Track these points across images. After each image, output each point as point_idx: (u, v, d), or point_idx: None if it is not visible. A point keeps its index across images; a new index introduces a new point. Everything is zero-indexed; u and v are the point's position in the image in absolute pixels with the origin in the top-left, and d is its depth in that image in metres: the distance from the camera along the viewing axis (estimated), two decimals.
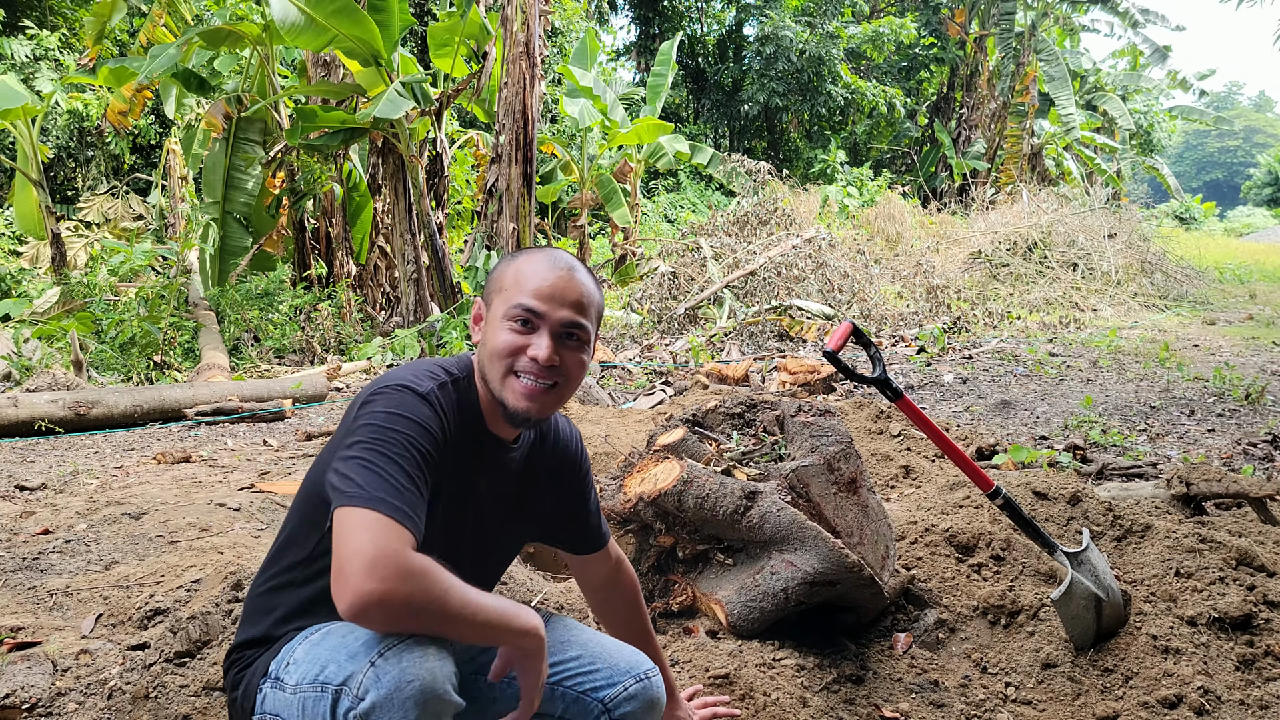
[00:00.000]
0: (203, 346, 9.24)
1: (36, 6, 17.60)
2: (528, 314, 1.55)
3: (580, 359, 1.61)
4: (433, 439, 1.48)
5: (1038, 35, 21.37)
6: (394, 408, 1.47)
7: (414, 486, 1.41)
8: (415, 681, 1.30)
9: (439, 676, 1.33)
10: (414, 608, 1.31)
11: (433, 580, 1.33)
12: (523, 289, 1.57)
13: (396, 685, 1.30)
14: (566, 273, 1.59)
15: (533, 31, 10.67)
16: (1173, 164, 49.39)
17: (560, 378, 1.59)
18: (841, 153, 25.46)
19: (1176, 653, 2.42)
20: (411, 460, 1.42)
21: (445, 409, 1.54)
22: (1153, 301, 13.34)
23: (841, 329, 2.28)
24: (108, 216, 16.67)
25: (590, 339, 1.62)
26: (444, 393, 1.56)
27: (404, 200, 11.07)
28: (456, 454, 1.57)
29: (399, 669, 1.31)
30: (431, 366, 1.62)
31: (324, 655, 1.41)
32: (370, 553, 1.30)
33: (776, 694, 2.17)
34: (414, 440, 1.44)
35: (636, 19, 27.89)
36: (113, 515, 4.03)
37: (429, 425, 1.48)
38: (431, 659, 1.33)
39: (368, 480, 1.37)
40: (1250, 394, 6.42)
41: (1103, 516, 3.01)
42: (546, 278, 1.57)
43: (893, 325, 10.92)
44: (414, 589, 1.30)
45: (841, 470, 2.58)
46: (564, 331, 1.57)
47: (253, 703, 1.54)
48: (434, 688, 1.31)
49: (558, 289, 1.57)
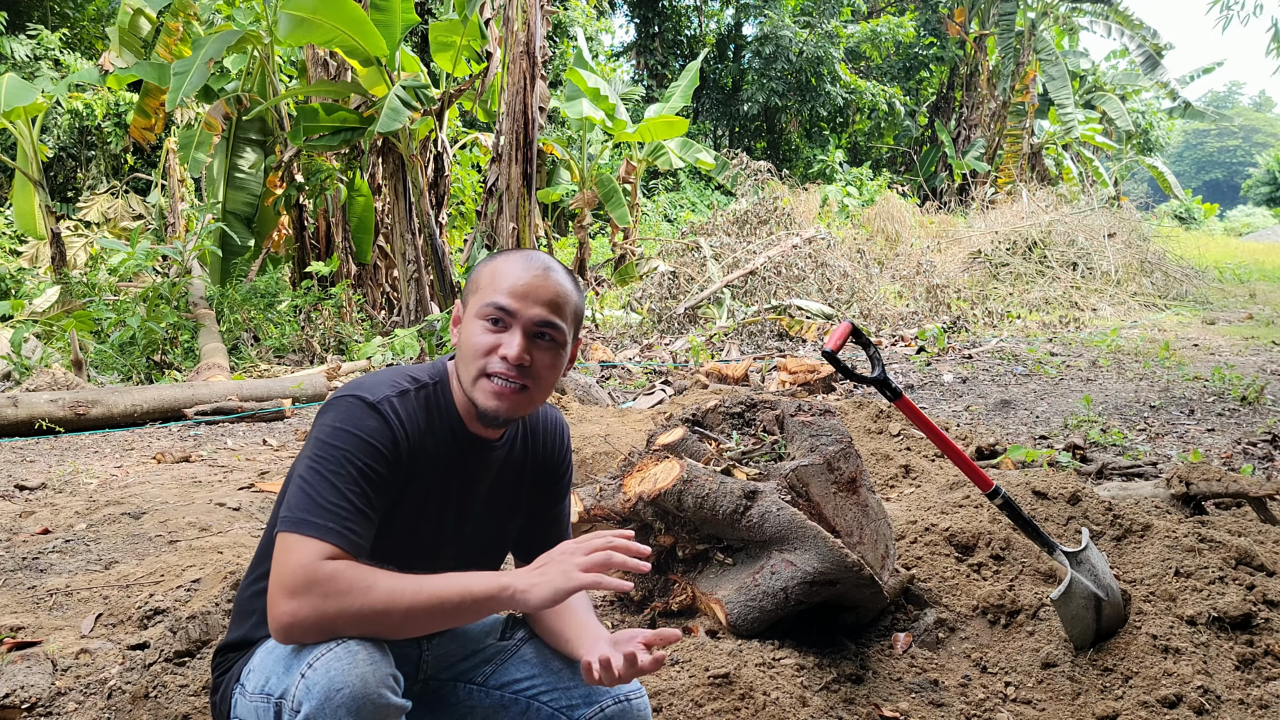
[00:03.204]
0: (202, 346, 9.24)
1: (38, 6, 17.60)
2: (499, 312, 1.54)
3: (553, 360, 1.58)
4: (375, 450, 1.47)
5: (1038, 35, 21.37)
6: (339, 422, 1.48)
7: (346, 501, 1.42)
8: (344, 689, 1.31)
9: (370, 681, 1.32)
10: (330, 617, 1.34)
11: (346, 583, 1.34)
12: (497, 288, 1.56)
13: (326, 695, 1.30)
14: (541, 272, 1.58)
15: (533, 31, 10.67)
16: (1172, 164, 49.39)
17: (530, 379, 1.56)
18: (841, 152, 25.46)
19: (1176, 652, 2.42)
20: (346, 475, 1.43)
21: (403, 417, 1.53)
22: (1152, 301, 13.34)
23: (841, 329, 2.28)
24: (107, 216, 16.67)
25: (565, 340, 1.59)
26: (404, 401, 1.55)
27: (404, 200, 11.07)
28: (428, 458, 1.57)
29: (327, 679, 1.31)
30: (398, 375, 1.62)
31: (269, 665, 1.45)
32: (284, 575, 1.36)
33: (776, 693, 2.17)
34: (351, 455, 1.45)
35: (636, 18, 27.90)
36: (112, 515, 4.03)
37: (372, 438, 1.47)
38: (361, 664, 1.33)
39: (298, 503, 1.42)
40: (1249, 394, 6.42)
41: (1102, 516, 3.01)
42: (520, 277, 1.56)
43: (892, 325, 10.92)
44: (323, 599, 1.33)
45: (841, 470, 2.58)
46: (536, 331, 1.55)
47: (229, 706, 1.57)
48: (365, 693, 1.31)
49: (531, 287, 1.55)
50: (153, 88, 10.90)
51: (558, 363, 1.59)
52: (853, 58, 27.29)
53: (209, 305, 10.32)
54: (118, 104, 16.35)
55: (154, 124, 11.36)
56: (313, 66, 11.39)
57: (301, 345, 10.11)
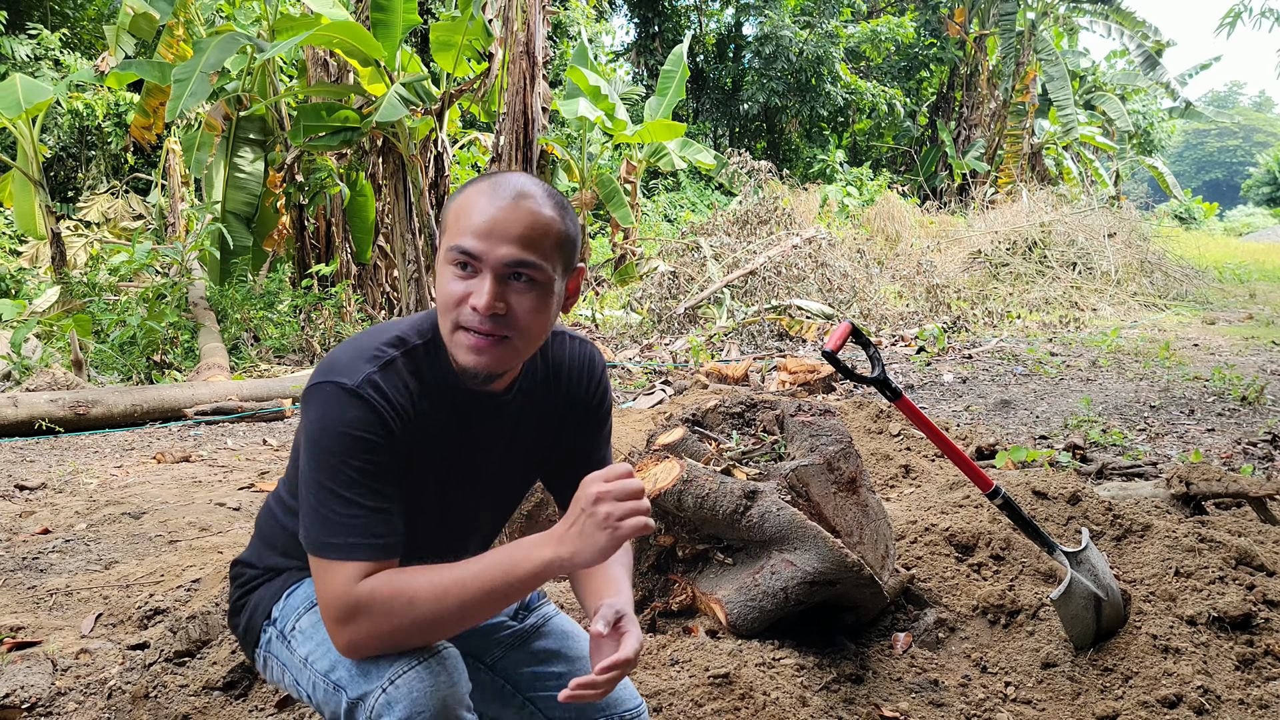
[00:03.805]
0: (202, 346, 9.24)
1: (38, 6, 17.61)
2: (465, 256, 1.35)
3: (535, 303, 1.38)
4: (366, 443, 1.35)
5: (1038, 35, 21.36)
6: (323, 420, 1.36)
7: (357, 509, 1.35)
8: (426, 712, 1.31)
9: (450, 703, 1.33)
10: (386, 635, 1.33)
11: (387, 603, 1.32)
12: (461, 228, 1.36)
13: (409, 715, 1.31)
14: (509, 203, 1.35)
15: (534, 31, 10.67)
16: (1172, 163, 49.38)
17: (511, 328, 1.37)
18: (841, 152, 25.45)
19: (1176, 652, 2.42)
20: (348, 480, 1.35)
21: (390, 394, 1.38)
22: (1152, 301, 13.34)
23: (840, 329, 2.28)
24: (108, 216, 16.67)
25: (548, 277, 1.38)
26: (388, 374, 1.39)
27: (404, 200, 11.07)
28: (428, 428, 1.44)
29: (410, 700, 1.31)
30: (381, 339, 1.44)
31: (335, 652, 1.41)
32: (328, 608, 1.34)
33: (776, 693, 2.17)
34: (345, 458, 1.35)
35: (636, 19, 27.90)
36: (112, 515, 4.03)
37: (361, 431, 1.35)
38: (443, 687, 1.34)
39: (313, 523, 1.37)
40: (1249, 394, 6.42)
41: (1102, 516, 3.01)
42: (485, 212, 1.35)
43: (892, 325, 10.92)
44: (372, 623, 1.32)
45: (841, 470, 2.58)
46: (508, 272, 1.35)
47: (256, 636, 1.58)
48: (445, 716, 1.33)
49: (498, 223, 1.34)
50: (153, 87, 10.89)
51: (543, 304, 1.39)
52: (853, 58, 27.29)
53: (209, 305, 10.32)
54: (118, 104, 16.35)
55: (154, 124, 11.35)
56: (313, 66, 11.39)
57: (302, 345, 10.11)
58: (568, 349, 1.63)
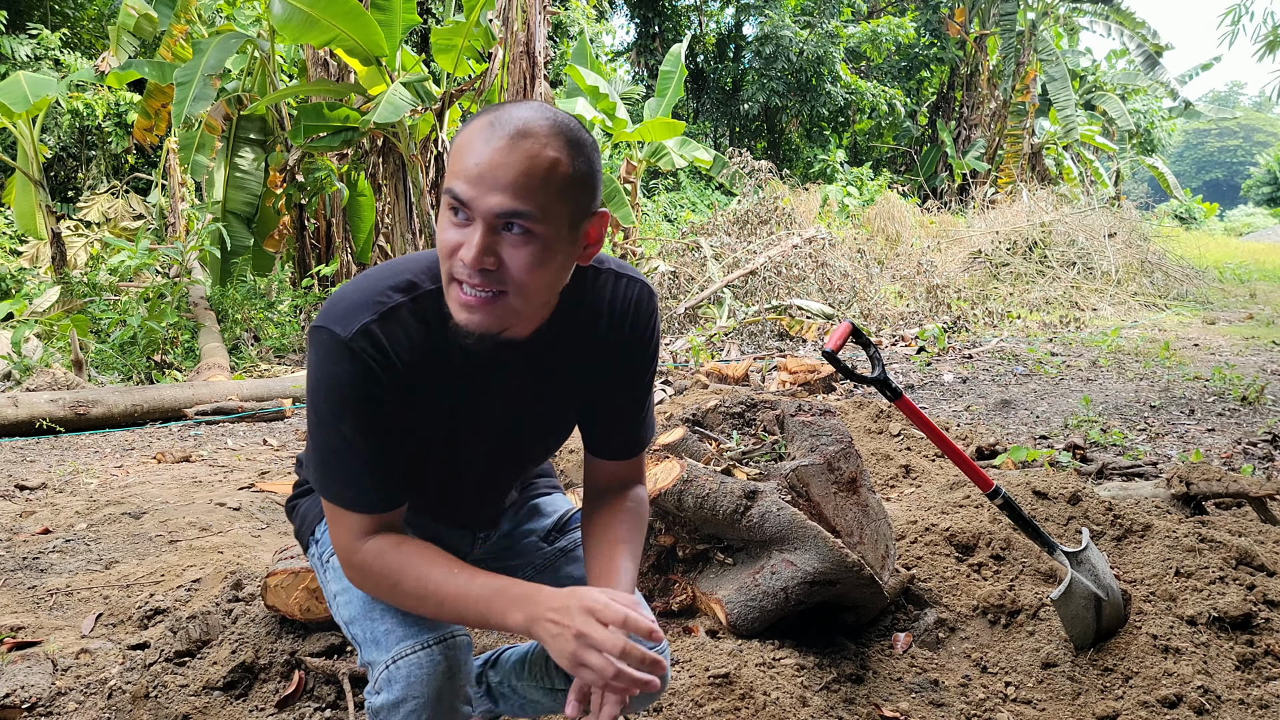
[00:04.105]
0: (203, 346, 9.24)
1: (39, 6, 17.61)
2: (457, 202, 1.22)
3: (533, 256, 1.22)
4: (358, 399, 1.29)
5: (1038, 35, 21.36)
6: (318, 370, 1.31)
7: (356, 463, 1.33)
8: (419, 699, 1.34)
9: (444, 693, 1.36)
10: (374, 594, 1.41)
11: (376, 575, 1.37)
12: (455, 169, 1.23)
13: (401, 698, 1.34)
14: (505, 143, 1.19)
15: (533, 31, 10.67)
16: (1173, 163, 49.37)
17: (504, 284, 1.23)
18: (841, 152, 25.44)
19: (1176, 652, 2.42)
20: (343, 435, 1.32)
21: (387, 345, 1.29)
22: (1153, 301, 13.34)
23: (841, 329, 2.28)
24: (108, 216, 16.67)
25: (547, 229, 1.22)
26: (388, 322, 1.30)
27: (404, 200, 11.07)
28: (435, 378, 1.36)
29: (405, 683, 1.34)
30: (390, 281, 1.34)
31: (355, 607, 1.48)
32: (335, 548, 1.41)
33: (776, 693, 2.17)
34: (340, 412, 1.31)
35: (636, 19, 27.90)
36: (113, 515, 4.03)
37: (352, 385, 1.29)
38: (440, 678, 1.36)
39: (315, 464, 1.38)
40: (1250, 394, 6.42)
41: (1103, 516, 3.01)
42: (480, 153, 1.20)
43: (893, 325, 10.91)
44: (362, 581, 1.40)
45: (841, 470, 2.58)
46: (499, 223, 1.21)
47: (306, 544, 1.69)
48: (438, 704, 1.36)
49: (491, 166, 1.19)
50: (155, 89, 10.89)
51: (543, 258, 1.23)
52: (853, 58, 27.28)
53: (209, 305, 10.32)
54: (118, 104, 16.35)
55: (156, 125, 11.35)
56: (313, 66, 11.39)
57: (302, 345, 10.11)
58: (611, 288, 1.46)
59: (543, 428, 1.56)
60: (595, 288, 1.45)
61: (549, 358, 1.44)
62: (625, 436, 1.58)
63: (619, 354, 1.49)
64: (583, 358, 1.47)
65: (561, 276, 1.31)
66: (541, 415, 1.53)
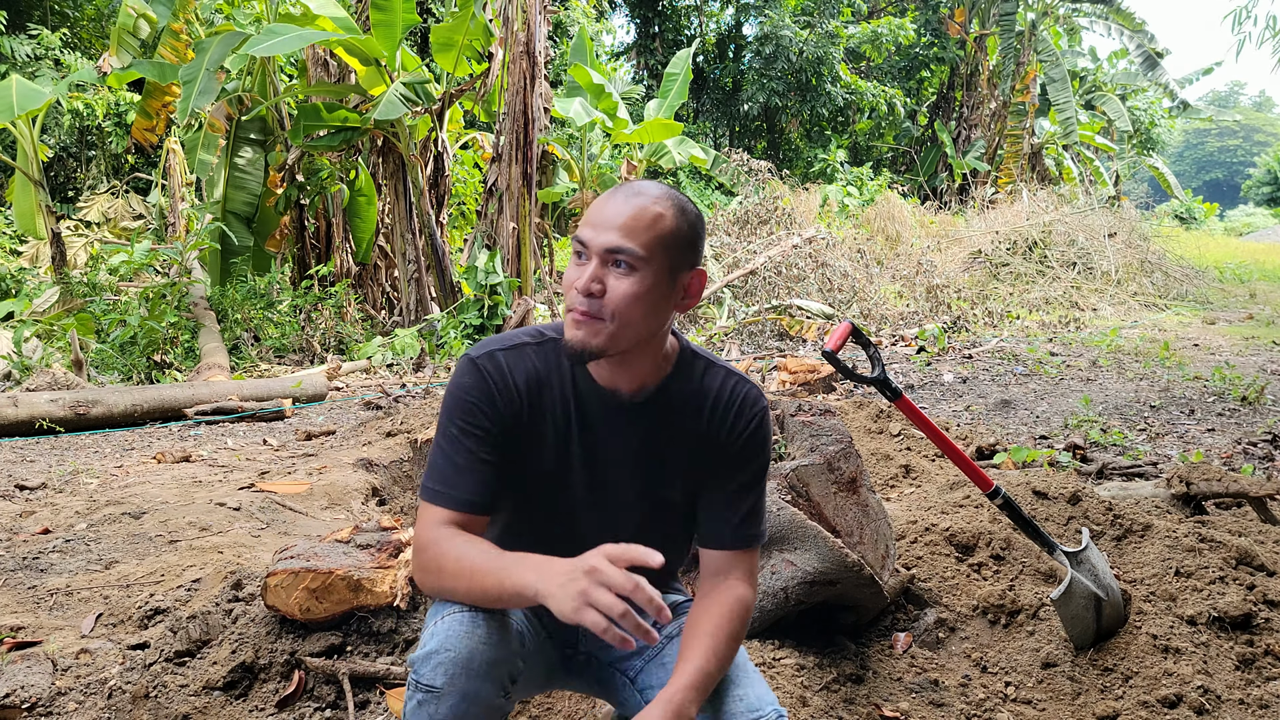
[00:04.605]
0: (203, 346, 9.24)
1: (38, 6, 17.61)
2: (579, 245, 1.48)
3: (632, 287, 1.44)
4: (469, 406, 1.52)
5: (1038, 35, 21.36)
6: (450, 383, 1.56)
7: (451, 465, 1.51)
8: (450, 652, 1.38)
9: (475, 656, 1.39)
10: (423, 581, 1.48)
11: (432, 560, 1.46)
12: (582, 221, 1.51)
13: (436, 649, 1.39)
14: (624, 197, 1.47)
15: (533, 31, 10.66)
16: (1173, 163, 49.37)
17: (607, 309, 1.44)
18: (841, 152, 25.43)
19: (1176, 652, 2.42)
20: (451, 438, 1.52)
21: (506, 369, 1.53)
22: (1153, 301, 13.34)
23: (841, 329, 2.28)
24: (108, 216, 16.67)
25: (645, 266, 1.44)
26: (514, 354, 1.55)
27: (404, 200, 11.07)
28: (543, 409, 1.55)
29: (445, 637, 1.40)
30: (527, 330, 1.62)
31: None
32: (415, 542, 1.52)
33: (776, 693, 2.17)
34: (452, 417, 1.53)
35: (636, 19, 27.90)
36: (113, 515, 4.03)
37: (467, 395, 1.52)
38: (478, 639, 1.40)
39: (426, 467, 1.55)
40: (1250, 394, 6.42)
41: (1103, 516, 3.01)
42: (601, 207, 1.48)
43: (893, 325, 10.92)
44: (420, 570, 1.48)
45: (841, 470, 2.58)
46: (609, 258, 1.44)
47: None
48: (465, 665, 1.38)
49: (605, 214, 1.46)
50: (154, 89, 10.88)
51: (640, 291, 1.44)
52: (853, 58, 27.28)
53: (209, 305, 10.32)
54: (118, 104, 16.35)
55: (156, 125, 11.35)
56: (313, 66, 11.39)
57: (302, 345, 10.12)
58: (721, 381, 1.62)
59: (641, 498, 1.63)
60: (706, 376, 1.62)
61: (656, 426, 1.59)
62: (727, 530, 1.62)
63: (722, 446, 1.60)
64: (684, 439, 1.60)
65: (658, 317, 1.50)
66: (645, 485, 1.62)
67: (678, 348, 1.62)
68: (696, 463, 1.61)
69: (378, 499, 4.53)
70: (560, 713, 2.23)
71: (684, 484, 1.62)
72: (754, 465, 1.62)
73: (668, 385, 1.58)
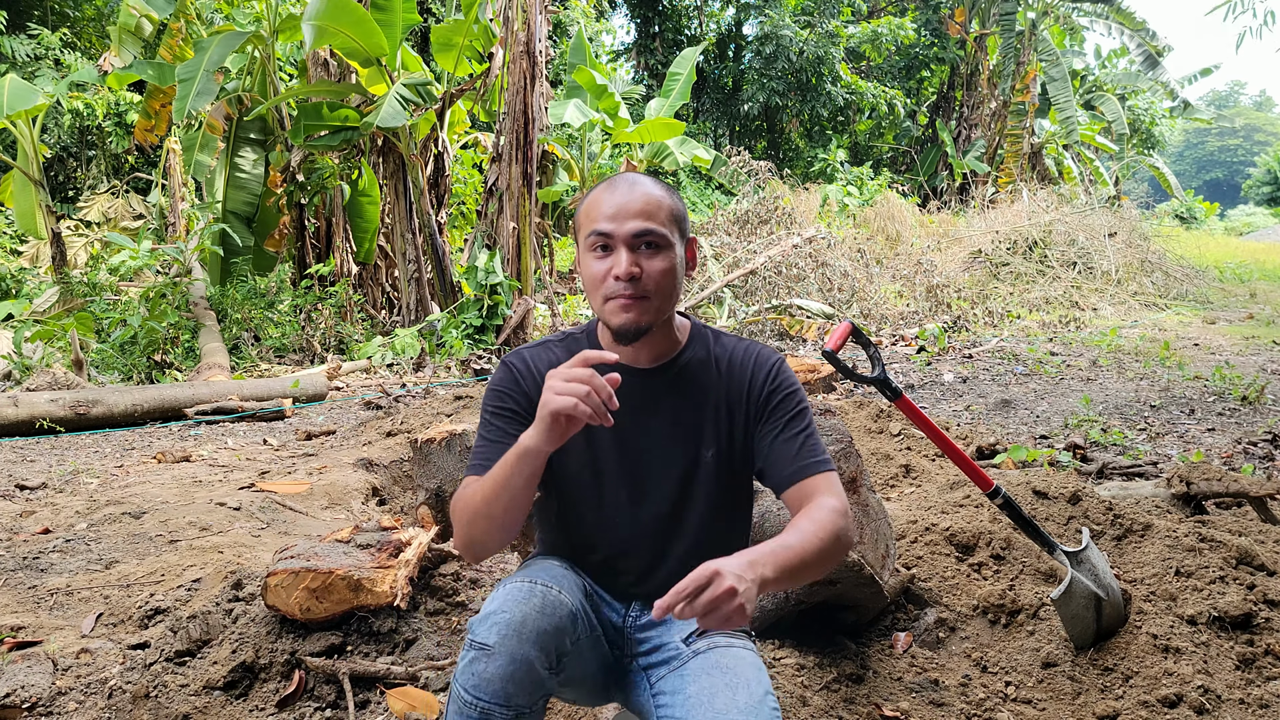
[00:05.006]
0: (203, 346, 9.24)
1: (38, 6, 17.61)
2: (601, 238, 1.61)
3: (664, 263, 1.62)
4: (498, 394, 1.72)
5: (1038, 35, 21.35)
6: (487, 384, 1.77)
7: (484, 444, 1.69)
8: (505, 614, 1.47)
9: (529, 619, 1.47)
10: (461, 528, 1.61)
11: (459, 496, 1.63)
12: (593, 218, 1.63)
13: (493, 610, 1.49)
14: (626, 187, 1.64)
15: (533, 31, 10.66)
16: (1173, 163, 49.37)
17: (649, 287, 1.60)
18: (842, 152, 25.42)
19: (1177, 652, 2.41)
20: (485, 423, 1.71)
21: (530, 360, 1.73)
22: (1153, 300, 13.34)
23: (841, 328, 2.28)
24: (108, 216, 16.67)
25: (669, 242, 1.63)
26: (539, 349, 1.75)
27: (404, 200, 11.07)
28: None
29: (504, 597, 1.51)
30: (560, 333, 1.81)
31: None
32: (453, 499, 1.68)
33: (777, 693, 2.17)
34: (486, 407, 1.72)
35: (636, 19, 27.89)
36: (113, 514, 4.03)
37: (498, 386, 1.73)
38: (534, 606, 1.49)
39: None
40: (1250, 393, 6.41)
41: (1103, 515, 3.01)
42: (610, 201, 1.63)
43: (893, 324, 10.92)
44: (454, 515, 1.63)
45: (841, 469, 2.58)
46: (636, 242, 1.60)
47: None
48: (518, 628, 1.45)
49: (619, 204, 1.61)
50: (155, 89, 10.88)
51: (670, 264, 1.63)
52: (853, 57, 27.26)
53: (209, 305, 10.32)
54: (118, 104, 16.36)
55: (157, 125, 11.35)
56: (313, 66, 11.39)
57: (302, 345, 10.12)
58: (734, 346, 1.77)
59: (672, 462, 1.72)
60: (718, 344, 1.77)
61: (672, 396, 1.72)
62: (792, 466, 1.67)
63: (748, 399, 1.72)
64: (706, 401, 1.72)
65: (680, 285, 1.68)
66: (670, 449, 1.72)
67: (689, 325, 1.78)
68: (724, 421, 1.72)
69: (378, 499, 4.53)
70: (560, 712, 2.23)
71: (716, 443, 1.72)
72: (789, 404, 1.71)
73: (682, 355, 1.74)
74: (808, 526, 1.51)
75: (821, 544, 1.50)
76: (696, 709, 1.48)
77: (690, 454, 1.72)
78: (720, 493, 1.74)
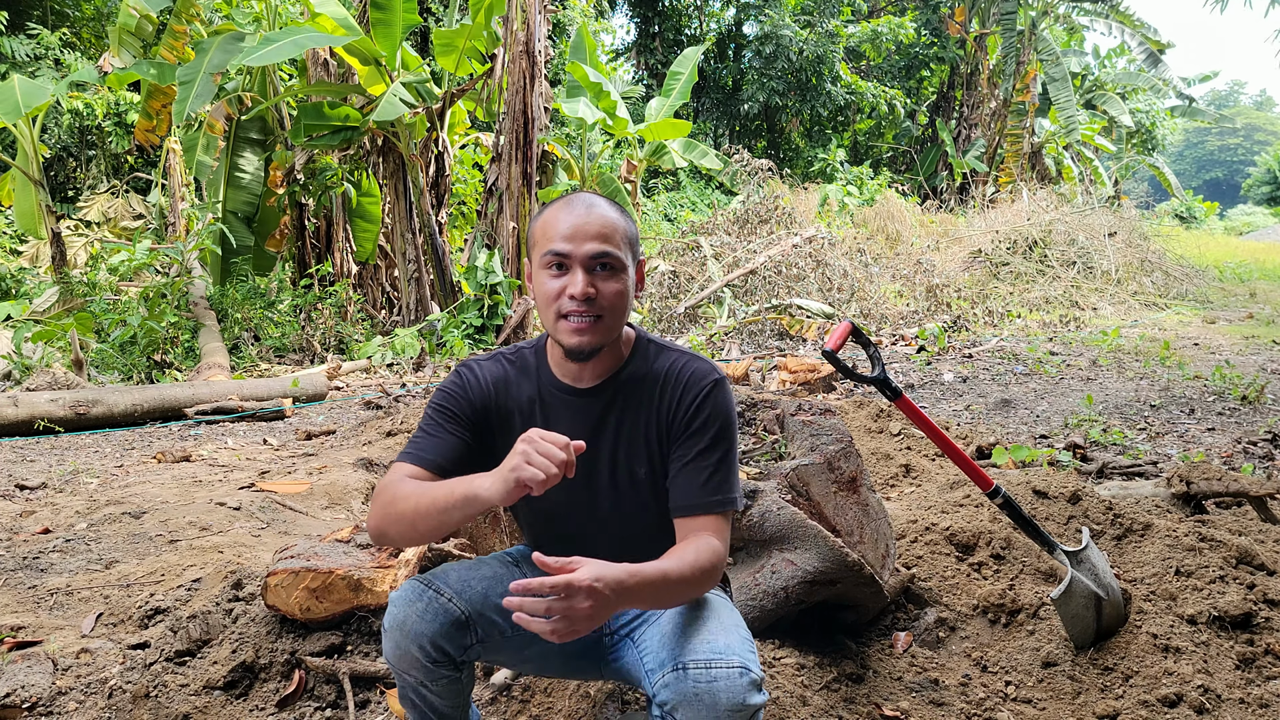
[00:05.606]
0: (203, 346, 9.24)
1: (38, 6, 17.61)
2: (557, 257, 1.64)
3: (617, 285, 1.66)
4: (444, 394, 1.77)
5: (1038, 34, 21.34)
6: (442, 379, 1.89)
7: (420, 434, 1.73)
8: (392, 610, 1.62)
9: (407, 624, 1.60)
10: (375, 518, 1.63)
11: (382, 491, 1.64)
12: (549, 237, 1.66)
13: (390, 601, 1.64)
14: (584, 209, 1.67)
15: (533, 31, 10.66)
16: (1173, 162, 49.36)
17: (603, 308, 1.64)
18: (841, 152, 25.42)
19: (1177, 651, 2.42)
20: (426, 419, 1.75)
21: (478, 371, 1.78)
22: (1153, 300, 13.34)
23: (841, 328, 2.28)
24: (108, 215, 16.67)
25: (623, 265, 1.67)
26: (489, 362, 1.80)
27: (404, 200, 11.07)
28: (514, 407, 1.77)
29: (394, 596, 1.64)
30: (510, 347, 1.87)
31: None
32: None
33: (777, 693, 2.17)
34: (434, 402, 1.77)
35: (636, 18, 27.88)
36: (113, 514, 4.03)
37: (445, 388, 1.78)
38: (414, 608, 1.60)
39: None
40: (1250, 393, 6.41)
41: (1103, 515, 3.01)
42: (567, 221, 1.65)
43: (893, 324, 10.92)
44: (374, 504, 1.65)
45: (841, 469, 2.58)
46: (593, 264, 1.64)
47: None
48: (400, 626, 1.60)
49: (578, 226, 1.64)
50: (155, 89, 10.88)
51: (622, 286, 1.67)
52: (853, 57, 27.25)
53: (209, 305, 10.32)
54: (118, 104, 16.35)
55: (157, 126, 11.34)
56: (313, 66, 11.39)
57: (302, 345, 10.11)
58: (673, 362, 1.77)
59: (611, 476, 1.76)
60: (659, 360, 1.77)
61: (614, 409, 1.75)
62: (692, 494, 1.69)
63: (676, 419, 1.73)
64: (641, 418, 1.74)
65: (630, 306, 1.72)
66: (606, 464, 1.76)
67: (634, 336, 1.79)
68: (655, 438, 1.74)
69: None
70: (560, 712, 2.23)
71: (649, 461, 1.75)
72: (710, 432, 1.70)
73: (622, 371, 1.76)
74: (689, 563, 1.57)
75: (695, 578, 1.57)
76: (673, 637, 1.60)
77: (625, 470, 1.76)
78: (659, 509, 1.75)
